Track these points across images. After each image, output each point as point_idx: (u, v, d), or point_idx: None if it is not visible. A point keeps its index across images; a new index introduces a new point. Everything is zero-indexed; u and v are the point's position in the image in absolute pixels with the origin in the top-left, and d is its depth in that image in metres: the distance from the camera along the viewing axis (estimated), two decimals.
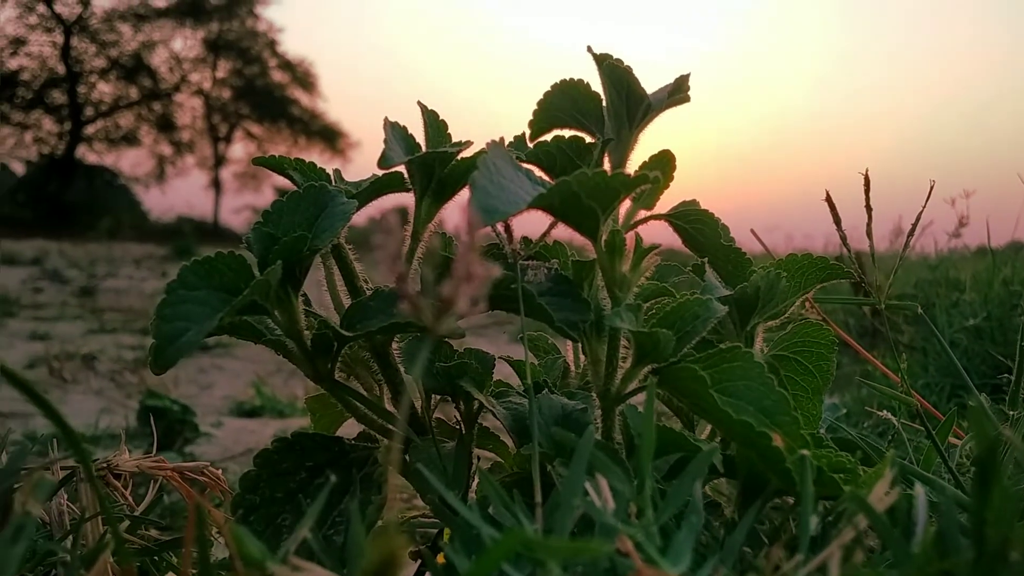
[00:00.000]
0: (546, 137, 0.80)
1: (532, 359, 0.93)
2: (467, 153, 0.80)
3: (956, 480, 0.79)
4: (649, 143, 0.79)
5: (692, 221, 0.82)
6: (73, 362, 4.03)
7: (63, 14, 29.51)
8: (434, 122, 0.82)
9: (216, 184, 32.38)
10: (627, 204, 0.80)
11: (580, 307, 0.71)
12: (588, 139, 0.79)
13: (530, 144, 0.80)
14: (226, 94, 33.14)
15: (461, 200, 0.83)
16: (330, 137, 33.38)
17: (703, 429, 0.82)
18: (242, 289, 0.66)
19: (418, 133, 0.82)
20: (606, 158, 0.78)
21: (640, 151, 0.79)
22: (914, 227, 0.98)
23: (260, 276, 0.66)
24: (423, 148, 0.81)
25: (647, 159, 0.80)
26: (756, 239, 1.18)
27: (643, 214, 0.81)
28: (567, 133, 0.80)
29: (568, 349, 0.93)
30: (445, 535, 0.81)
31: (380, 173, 0.81)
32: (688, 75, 0.76)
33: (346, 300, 0.81)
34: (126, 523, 0.81)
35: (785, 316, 0.86)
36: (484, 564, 0.43)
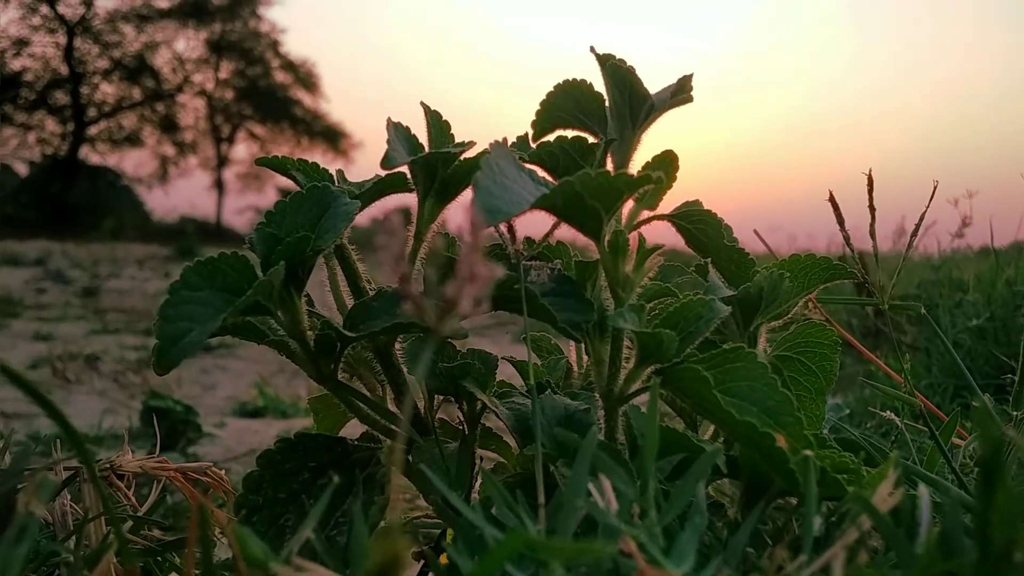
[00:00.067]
0: (549, 137, 0.80)
1: (535, 359, 0.93)
2: (470, 153, 0.80)
3: (960, 481, 0.79)
4: (652, 143, 0.79)
5: (695, 221, 0.82)
6: (76, 363, 4.03)
7: (66, 15, 29.57)
8: (437, 122, 0.82)
9: (219, 185, 32.41)
10: (630, 204, 0.80)
11: (583, 307, 0.71)
12: (591, 139, 0.79)
13: (533, 144, 0.80)
14: (229, 95, 33.19)
15: (464, 200, 0.83)
16: (333, 138, 33.40)
17: (706, 430, 0.82)
18: (245, 290, 0.66)
19: (421, 134, 0.82)
20: (609, 158, 0.78)
21: (643, 151, 0.79)
22: (917, 227, 0.98)
23: (263, 277, 0.66)
24: (426, 149, 0.81)
25: (650, 159, 0.80)
26: (759, 239, 1.18)
27: (646, 214, 0.81)
28: (570, 133, 0.80)
29: (571, 350, 0.93)
30: (448, 536, 0.81)
31: (383, 174, 0.81)
32: (691, 75, 0.76)
33: (349, 301, 0.81)
34: (129, 523, 0.81)
35: (788, 316, 0.86)
36: (487, 565, 0.43)
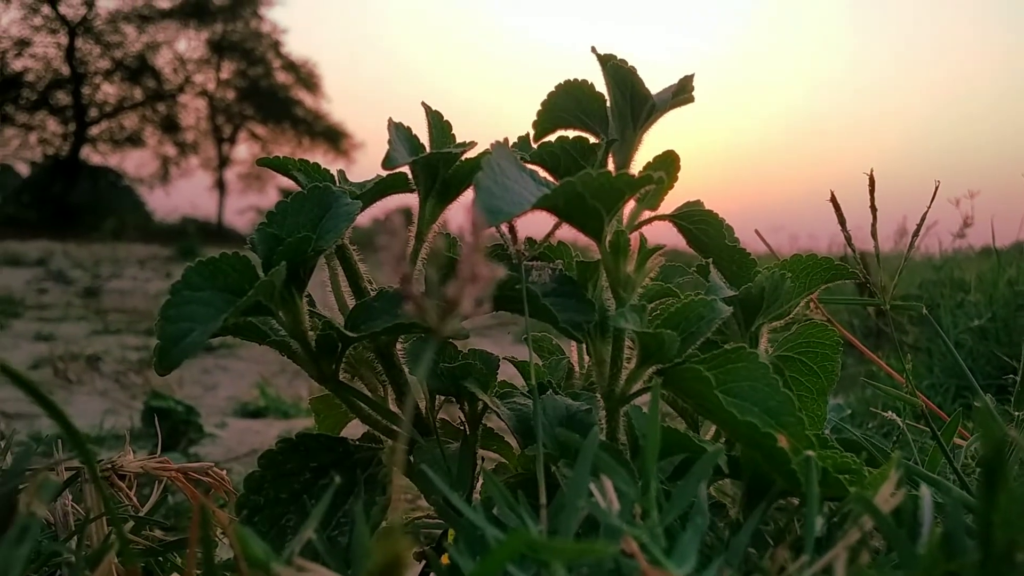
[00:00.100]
0: (550, 138, 0.80)
1: (536, 360, 0.93)
2: (471, 154, 0.80)
3: (961, 481, 0.79)
4: (653, 143, 0.79)
5: (696, 222, 0.82)
6: (77, 363, 4.03)
7: (67, 15, 29.59)
8: (438, 123, 0.82)
9: (220, 185, 32.42)
10: (631, 205, 0.80)
11: (584, 308, 0.71)
12: (592, 140, 0.79)
13: (534, 145, 0.80)
14: (230, 95, 33.19)
15: (465, 201, 0.83)
16: (334, 138, 33.40)
17: (708, 430, 0.82)
18: (246, 290, 0.66)
19: (422, 134, 0.82)
20: (610, 159, 0.78)
21: (644, 151, 0.79)
22: (919, 227, 0.98)
23: (264, 277, 0.66)
24: (427, 149, 0.81)
25: (651, 160, 0.80)
26: (760, 239, 1.18)
27: (647, 215, 0.81)
28: (571, 134, 0.80)
29: (572, 350, 0.93)
30: (449, 536, 0.81)
31: (384, 174, 0.81)
32: (692, 75, 0.76)
33: (350, 301, 0.81)
34: (130, 524, 0.81)
35: (790, 317, 0.85)
36: (488, 565, 0.43)
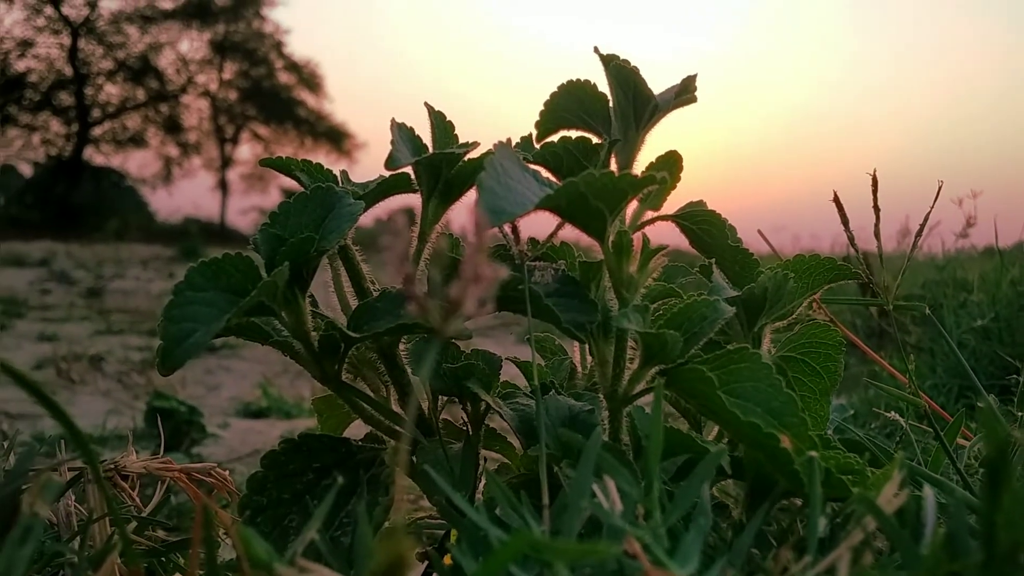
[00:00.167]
0: (553, 138, 0.80)
1: (539, 360, 0.93)
2: (474, 154, 0.80)
3: (965, 482, 0.78)
4: (656, 144, 0.79)
5: (699, 222, 0.82)
6: (80, 363, 4.04)
7: (70, 16, 29.59)
8: (441, 123, 0.82)
9: (223, 185, 32.40)
10: (634, 205, 0.80)
11: (587, 308, 0.71)
12: (595, 140, 0.79)
13: (537, 145, 0.80)
14: (233, 95, 33.18)
15: (468, 201, 0.83)
16: (336, 138, 33.39)
17: (710, 430, 0.82)
18: (249, 290, 0.66)
19: (425, 134, 0.82)
20: (613, 159, 0.78)
21: (647, 152, 0.79)
22: (922, 227, 0.97)
23: (267, 277, 0.66)
24: (430, 149, 0.81)
25: (654, 160, 0.80)
26: (763, 240, 1.18)
27: (650, 215, 0.81)
28: (574, 134, 0.80)
29: (575, 350, 0.93)
30: (452, 536, 0.81)
31: (387, 174, 0.81)
32: (695, 75, 0.76)
33: (353, 301, 0.82)
34: (133, 524, 0.81)
35: (792, 317, 0.85)
36: (491, 565, 0.43)
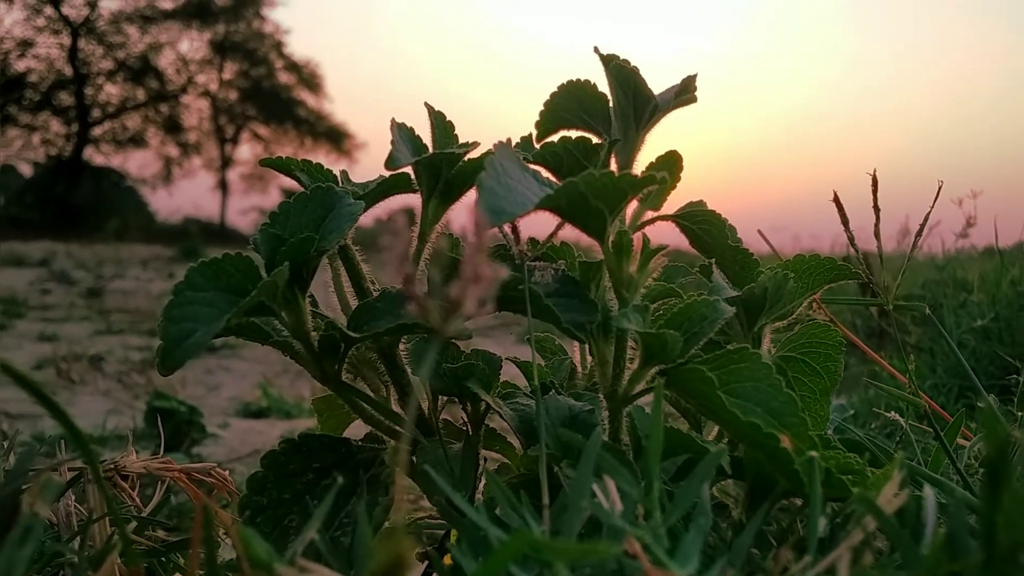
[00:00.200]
0: (553, 138, 0.80)
1: (539, 360, 0.93)
2: (474, 154, 0.80)
3: (965, 482, 0.78)
4: (656, 144, 0.79)
5: (699, 222, 0.82)
6: (80, 363, 4.04)
7: (70, 16, 29.58)
8: (441, 123, 0.82)
9: (223, 185, 32.39)
10: (634, 205, 0.79)
11: (587, 308, 0.71)
12: (595, 140, 0.79)
13: (537, 145, 0.80)
14: (233, 96, 33.16)
15: (468, 201, 0.83)
16: (336, 138, 33.37)
17: (710, 430, 0.82)
18: (249, 290, 0.66)
19: (425, 134, 0.82)
20: (613, 159, 0.78)
21: (647, 152, 0.79)
22: (922, 227, 0.97)
23: (267, 277, 0.66)
24: (430, 149, 0.81)
25: (654, 160, 0.80)
26: (763, 240, 1.18)
27: (650, 215, 0.81)
28: (574, 134, 0.80)
29: (575, 350, 0.93)
30: (452, 536, 0.81)
31: (387, 174, 0.81)
32: (695, 76, 0.76)
33: (353, 301, 0.81)
34: (133, 524, 0.81)
35: (792, 317, 0.85)
36: (491, 565, 0.43)
